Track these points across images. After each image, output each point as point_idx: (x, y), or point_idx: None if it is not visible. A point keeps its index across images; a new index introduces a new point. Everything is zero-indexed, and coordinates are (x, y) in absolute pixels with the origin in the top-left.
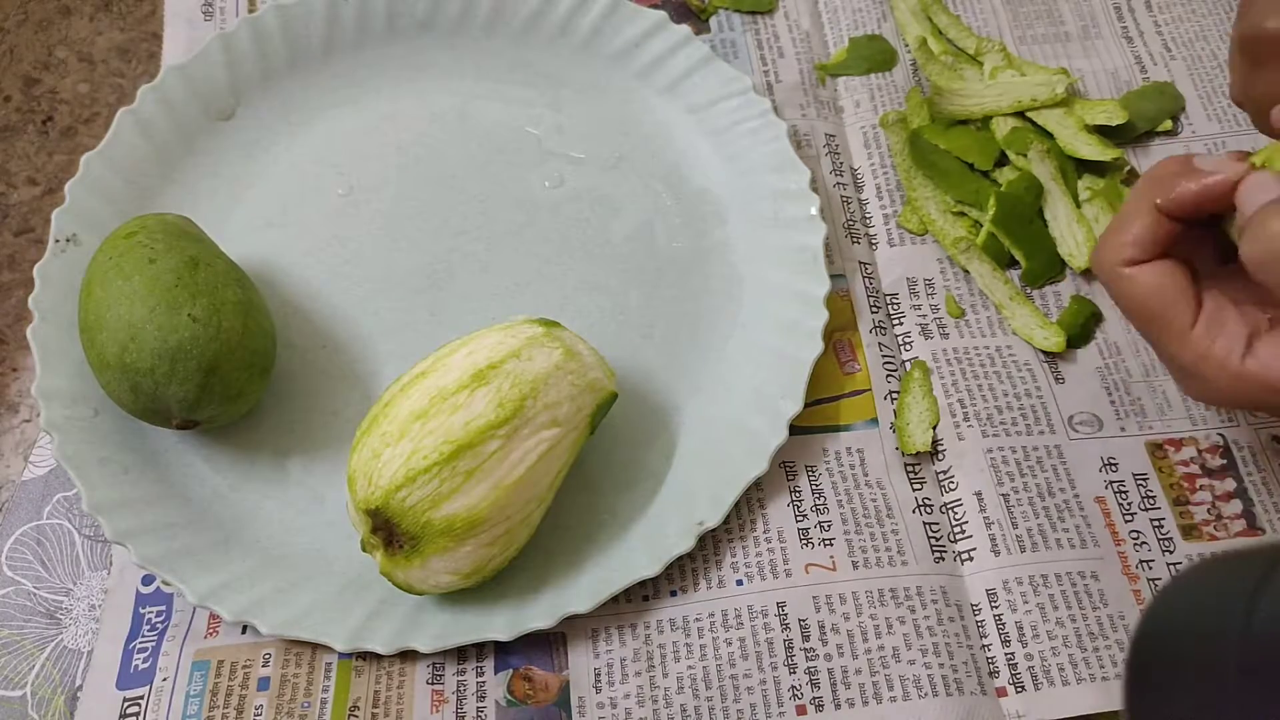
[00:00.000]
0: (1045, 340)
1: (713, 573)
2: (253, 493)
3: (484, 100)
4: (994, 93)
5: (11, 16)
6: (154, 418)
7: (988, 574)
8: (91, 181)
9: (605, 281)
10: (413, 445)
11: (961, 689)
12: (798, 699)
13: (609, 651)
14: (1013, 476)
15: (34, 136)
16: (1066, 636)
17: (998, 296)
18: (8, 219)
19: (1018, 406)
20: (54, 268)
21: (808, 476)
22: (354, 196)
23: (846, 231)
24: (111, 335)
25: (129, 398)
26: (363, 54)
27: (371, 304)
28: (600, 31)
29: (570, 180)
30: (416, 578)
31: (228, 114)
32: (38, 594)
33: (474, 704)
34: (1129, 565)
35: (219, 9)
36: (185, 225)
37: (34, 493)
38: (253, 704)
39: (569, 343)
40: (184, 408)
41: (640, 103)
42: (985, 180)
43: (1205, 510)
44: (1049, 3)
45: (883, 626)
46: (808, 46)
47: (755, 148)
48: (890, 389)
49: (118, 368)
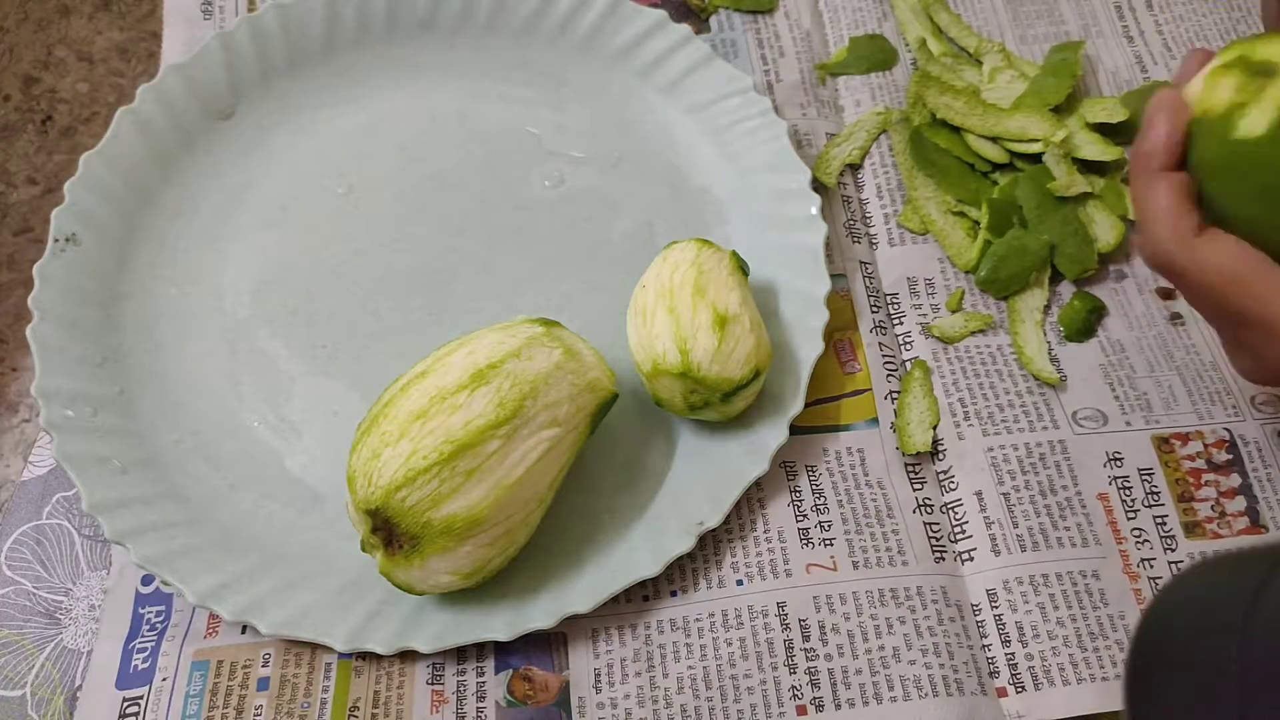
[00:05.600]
0: (1049, 374)
1: (713, 573)
2: (252, 493)
3: (484, 100)
4: (984, 122)
5: (11, 16)
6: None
7: (988, 574)
8: (91, 181)
9: (605, 281)
10: (412, 445)
11: (962, 689)
12: (798, 699)
13: (609, 652)
14: (1013, 475)
15: (33, 136)
16: (1067, 636)
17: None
18: (7, 219)
19: (1019, 404)
20: (53, 267)
21: (808, 476)
22: (354, 196)
23: (846, 231)
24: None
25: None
26: (363, 54)
27: (371, 304)
28: (600, 31)
29: (570, 180)
30: (416, 578)
31: (227, 113)
32: (37, 594)
33: (474, 704)
34: (1130, 564)
35: (218, 8)
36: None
37: (34, 493)
38: (252, 704)
39: (569, 343)
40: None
41: (640, 102)
42: (985, 180)
43: (1209, 507)
44: (1049, 2)
45: (883, 626)
46: (808, 46)
47: (755, 147)
48: (890, 389)
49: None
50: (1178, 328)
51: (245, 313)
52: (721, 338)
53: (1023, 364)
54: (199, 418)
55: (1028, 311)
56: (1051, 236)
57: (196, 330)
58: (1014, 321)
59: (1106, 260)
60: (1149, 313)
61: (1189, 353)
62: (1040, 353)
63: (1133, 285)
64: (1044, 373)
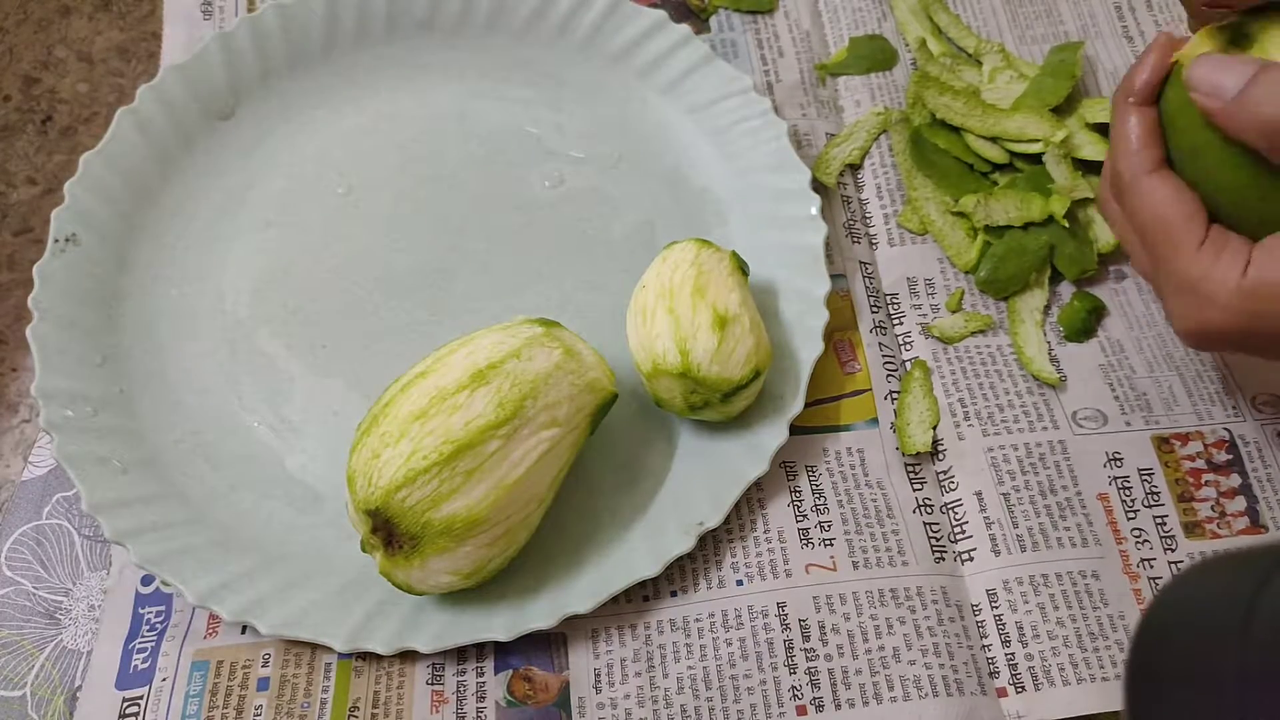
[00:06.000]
0: (1049, 374)
1: (713, 573)
2: (252, 493)
3: (484, 100)
4: (982, 122)
5: (11, 16)
6: None
7: (988, 574)
8: (91, 181)
9: (605, 281)
10: (412, 445)
11: (962, 689)
12: (798, 699)
13: (609, 652)
14: (1013, 475)
15: (33, 136)
16: (1067, 636)
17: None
18: (7, 219)
19: (1019, 404)
20: (53, 267)
21: (808, 476)
22: (354, 196)
23: (846, 231)
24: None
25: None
26: (363, 54)
27: (371, 304)
28: (600, 31)
29: (570, 180)
30: (416, 578)
31: (227, 114)
32: (37, 594)
33: (474, 704)
34: (1130, 564)
35: (218, 8)
36: None
37: (33, 493)
38: (252, 704)
39: (569, 343)
40: None
41: (640, 102)
42: (985, 180)
43: (1209, 507)
44: (1049, 3)
45: (883, 627)
46: (808, 46)
47: (755, 147)
48: (890, 389)
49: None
50: None
51: (245, 313)
52: (721, 338)
53: (1023, 364)
54: (199, 418)
55: (1028, 312)
56: (1051, 237)
57: (196, 330)
58: (1014, 322)
59: (1106, 260)
60: (1149, 313)
61: (1189, 352)
62: (1040, 353)
63: (1133, 285)
64: (1044, 373)
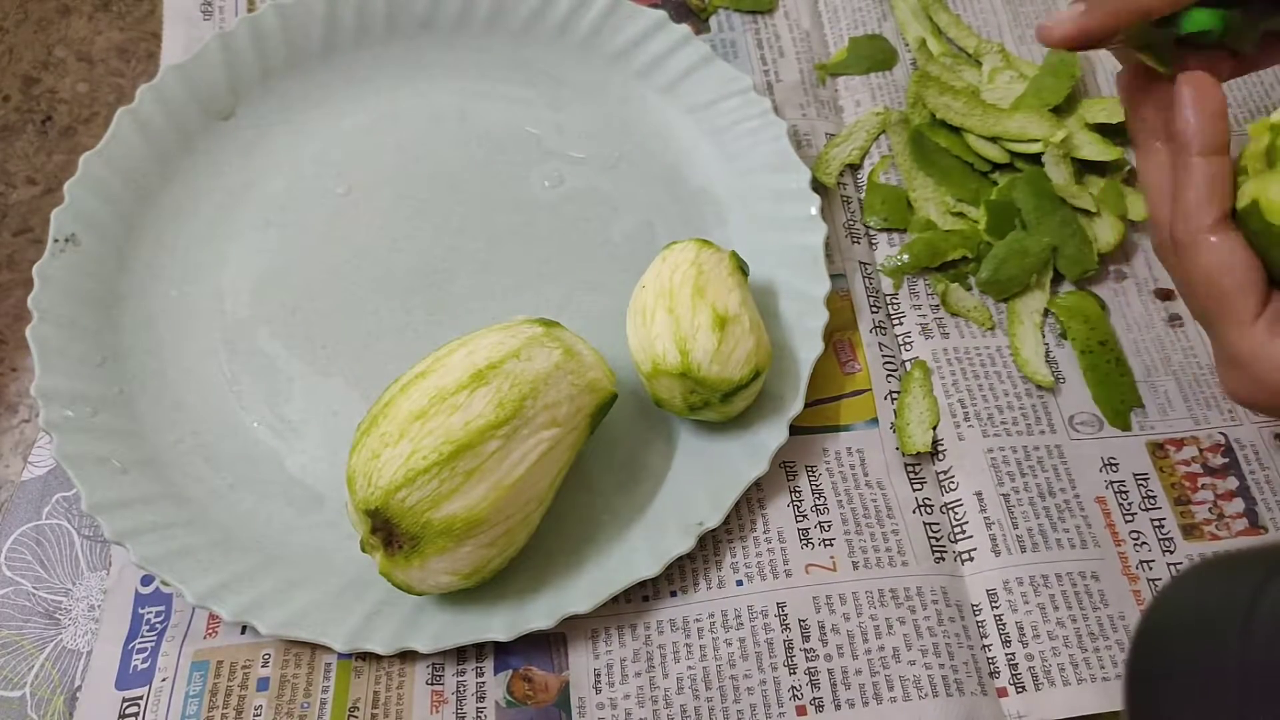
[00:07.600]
0: (1043, 377)
1: (713, 573)
2: (252, 493)
3: (484, 100)
4: (983, 122)
5: (11, 16)
6: None
7: (988, 574)
8: (90, 181)
9: (605, 281)
10: (412, 445)
11: (962, 689)
12: (798, 699)
13: (609, 652)
14: (1013, 476)
15: (33, 136)
16: (1067, 637)
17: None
18: (7, 219)
19: (1018, 406)
20: (53, 267)
21: (808, 477)
22: (354, 196)
23: (846, 231)
24: None
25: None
26: (362, 54)
27: (371, 304)
28: (600, 31)
29: (570, 180)
30: (416, 578)
31: (227, 114)
32: (37, 594)
33: (474, 704)
34: (1129, 565)
35: (218, 8)
36: None
37: (33, 493)
38: (252, 704)
39: (569, 343)
40: None
41: (640, 102)
42: (985, 180)
43: (1207, 509)
44: (1048, 2)
45: (883, 627)
46: (808, 46)
47: (755, 147)
48: (890, 389)
49: None
50: (1176, 329)
51: (245, 313)
52: (721, 338)
53: (1018, 366)
54: (199, 418)
55: (1027, 313)
56: (1051, 238)
57: (196, 330)
58: (1012, 323)
59: (1106, 261)
60: (1147, 314)
61: (1186, 355)
62: (1036, 355)
63: (1132, 286)
64: (1038, 375)
